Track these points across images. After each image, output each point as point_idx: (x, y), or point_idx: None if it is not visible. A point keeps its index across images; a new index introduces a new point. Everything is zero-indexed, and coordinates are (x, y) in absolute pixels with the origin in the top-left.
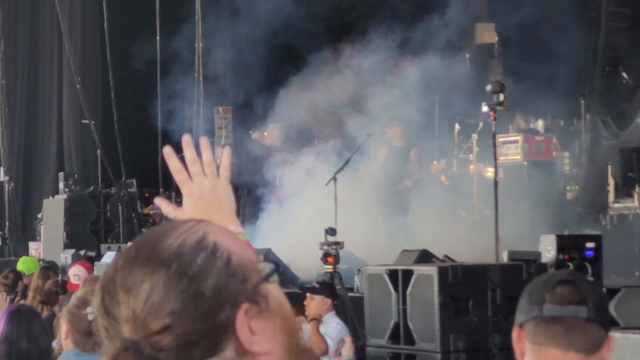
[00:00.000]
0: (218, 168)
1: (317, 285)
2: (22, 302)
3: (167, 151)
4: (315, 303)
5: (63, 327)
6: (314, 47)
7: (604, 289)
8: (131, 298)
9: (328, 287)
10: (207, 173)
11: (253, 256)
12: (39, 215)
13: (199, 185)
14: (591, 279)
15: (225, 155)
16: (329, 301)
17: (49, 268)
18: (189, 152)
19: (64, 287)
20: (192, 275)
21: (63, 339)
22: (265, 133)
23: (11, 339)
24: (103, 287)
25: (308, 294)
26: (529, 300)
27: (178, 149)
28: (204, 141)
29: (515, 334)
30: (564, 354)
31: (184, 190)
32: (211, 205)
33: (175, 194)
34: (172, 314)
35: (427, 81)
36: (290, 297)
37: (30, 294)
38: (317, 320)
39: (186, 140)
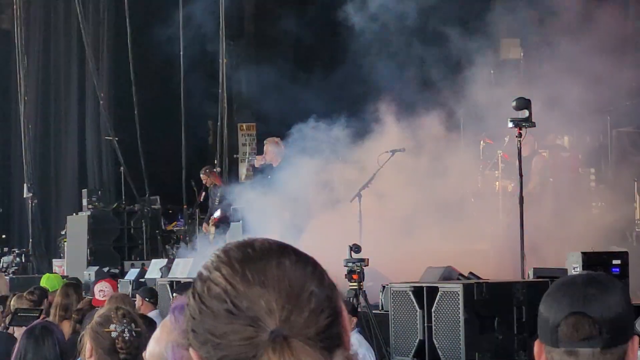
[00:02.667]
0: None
1: None
2: (46, 319)
3: None
4: None
5: (87, 345)
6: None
7: None
8: None
9: (348, 306)
10: None
11: None
12: (63, 232)
13: None
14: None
15: None
16: (354, 320)
17: (71, 285)
18: None
19: (90, 305)
20: None
21: (87, 357)
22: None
23: (19, 355)
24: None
25: None
26: (544, 324)
27: (200, 165)
28: None
29: (536, 347)
30: None
31: None
32: None
33: (199, 211)
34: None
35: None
36: None
37: (52, 310)
38: None
39: None
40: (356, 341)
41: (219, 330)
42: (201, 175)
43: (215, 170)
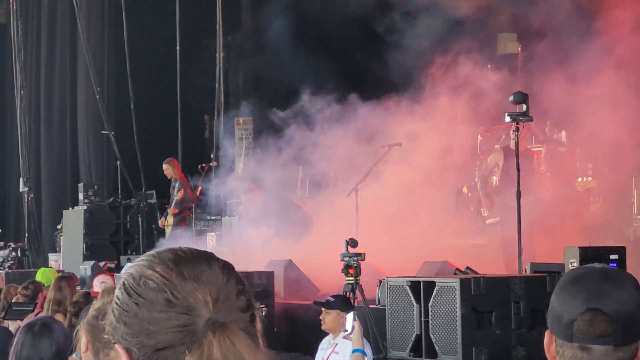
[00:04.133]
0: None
1: (332, 299)
2: (41, 313)
3: None
4: (330, 317)
5: (82, 339)
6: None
7: None
8: None
9: (343, 301)
10: None
11: None
12: (59, 227)
13: None
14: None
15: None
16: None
17: (64, 278)
18: None
19: (86, 298)
20: None
21: (83, 352)
22: None
23: (16, 350)
24: None
25: (323, 309)
26: (558, 317)
27: (198, 161)
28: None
29: (547, 338)
30: None
31: None
32: None
33: (195, 206)
34: None
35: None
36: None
37: (45, 305)
38: None
39: None
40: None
41: (156, 319)
42: (163, 165)
43: (176, 161)
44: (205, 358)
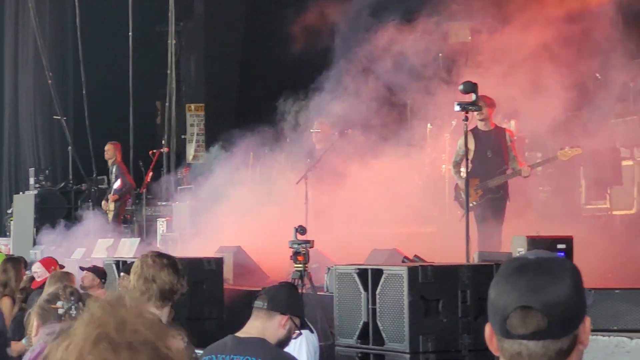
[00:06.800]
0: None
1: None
2: None
3: None
4: None
5: (34, 323)
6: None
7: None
8: None
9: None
10: None
11: None
12: (9, 211)
13: None
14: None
15: None
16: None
17: (10, 260)
18: None
19: (32, 283)
20: None
21: (33, 336)
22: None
23: None
24: None
25: None
26: (495, 313)
27: (149, 147)
28: None
29: (487, 331)
30: None
31: None
32: None
33: (146, 192)
34: None
35: (401, 79)
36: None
37: None
38: None
39: None
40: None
41: None
42: (106, 146)
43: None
44: None
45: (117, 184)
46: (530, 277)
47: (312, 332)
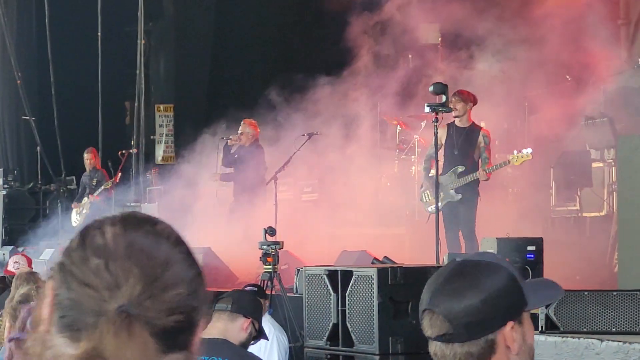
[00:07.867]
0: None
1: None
2: None
3: None
4: None
5: (6, 324)
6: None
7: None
8: None
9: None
10: None
11: None
12: None
13: None
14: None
15: None
16: (266, 302)
17: None
18: None
19: (3, 283)
20: None
21: (5, 337)
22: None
23: None
24: None
25: None
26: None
27: (118, 147)
28: None
29: None
30: None
31: None
32: None
33: (114, 192)
34: None
35: (367, 81)
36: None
37: None
38: None
39: None
40: (268, 323)
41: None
42: (86, 155)
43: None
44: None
45: (107, 185)
46: (443, 281)
47: (282, 333)
